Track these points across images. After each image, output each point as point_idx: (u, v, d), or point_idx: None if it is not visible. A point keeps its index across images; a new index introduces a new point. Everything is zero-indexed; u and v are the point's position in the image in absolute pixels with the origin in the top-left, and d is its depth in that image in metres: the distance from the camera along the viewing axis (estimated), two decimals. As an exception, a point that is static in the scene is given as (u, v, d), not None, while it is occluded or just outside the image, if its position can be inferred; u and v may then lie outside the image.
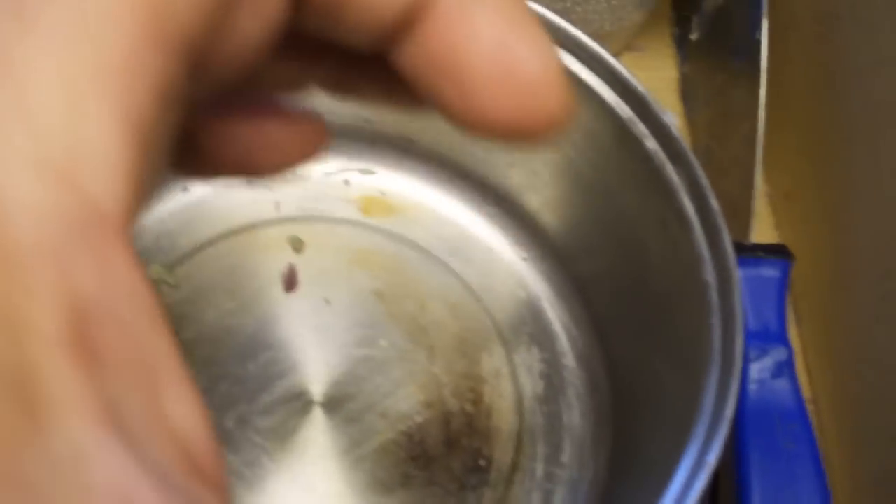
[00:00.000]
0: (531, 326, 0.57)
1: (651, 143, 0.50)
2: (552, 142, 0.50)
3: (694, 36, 0.65)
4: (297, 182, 0.58)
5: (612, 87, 0.51)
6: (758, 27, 0.57)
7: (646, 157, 0.50)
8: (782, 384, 0.52)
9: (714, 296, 0.46)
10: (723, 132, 0.57)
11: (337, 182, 0.59)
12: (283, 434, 0.52)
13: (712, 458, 0.43)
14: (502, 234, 0.59)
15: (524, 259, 0.58)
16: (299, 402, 0.53)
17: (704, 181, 0.48)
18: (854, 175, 0.54)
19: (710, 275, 0.47)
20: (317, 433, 0.53)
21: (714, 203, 0.47)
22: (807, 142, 0.58)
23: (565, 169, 0.55)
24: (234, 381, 0.53)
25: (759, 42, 0.57)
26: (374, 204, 0.59)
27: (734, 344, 0.46)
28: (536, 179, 0.56)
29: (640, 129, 0.50)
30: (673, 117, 0.49)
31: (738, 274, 0.45)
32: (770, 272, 0.54)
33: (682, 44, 0.64)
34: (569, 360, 0.57)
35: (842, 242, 0.55)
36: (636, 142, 0.50)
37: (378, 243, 0.58)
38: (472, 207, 0.59)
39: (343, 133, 0.58)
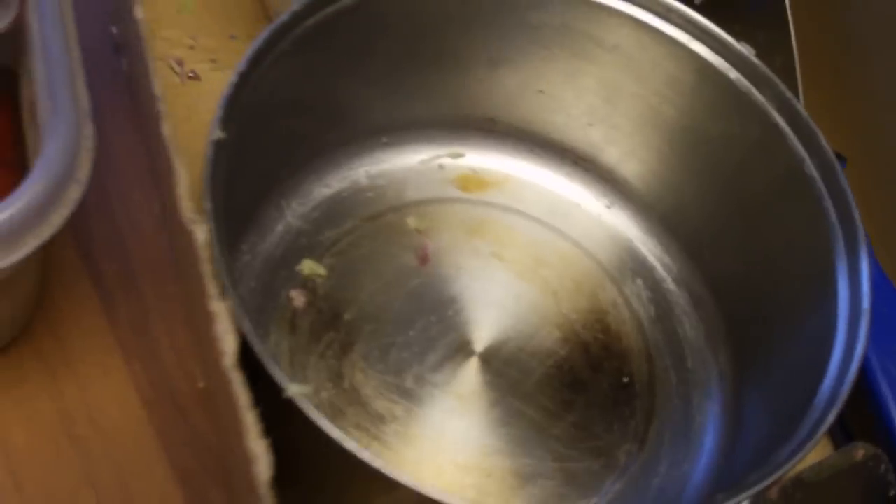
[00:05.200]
0: (630, 262, 0.66)
1: (734, 74, 0.59)
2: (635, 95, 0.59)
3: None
4: (402, 174, 0.66)
5: (686, 31, 0.60)
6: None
7: (730, 87, 0.59)
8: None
9: (821, 186, 0.55)
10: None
11: (433, 168, 0.67)
12: (455, 384, 0.60)
13: (860, 346, 0.52)
14: (584, 188, 0.67)
15: (608, 206, 0.67)
16: (461, 356, 0.60)
17: (791, 96, 0.57)
18: (881, 102, 0.64)
19: (813, 170, 0.56)
20: (483, 378, 0.60)
21: (804, 112, 0.56)
22: (838, 77, 0.67)
23: (648, 117, 0.63)
24: (401, 348, 0.60)
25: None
26: (469, 181, 0.67)
27: (853, 224, 0.55)
28: (617, 133, 0.65)
29: (721, 63, 0.59)
30: (749, 48, 0.58)
31: (840, 165, 0.54)
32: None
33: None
34: (668, 284, 0.65)
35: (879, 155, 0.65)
36: (719, 75, 0.59)
37: (483, 213, 0.66)
38: (554, 170, 0.67)
39: (430, 123, 0.66)
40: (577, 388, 0.61)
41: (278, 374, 0.45)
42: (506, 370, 0.60)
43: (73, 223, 0.59)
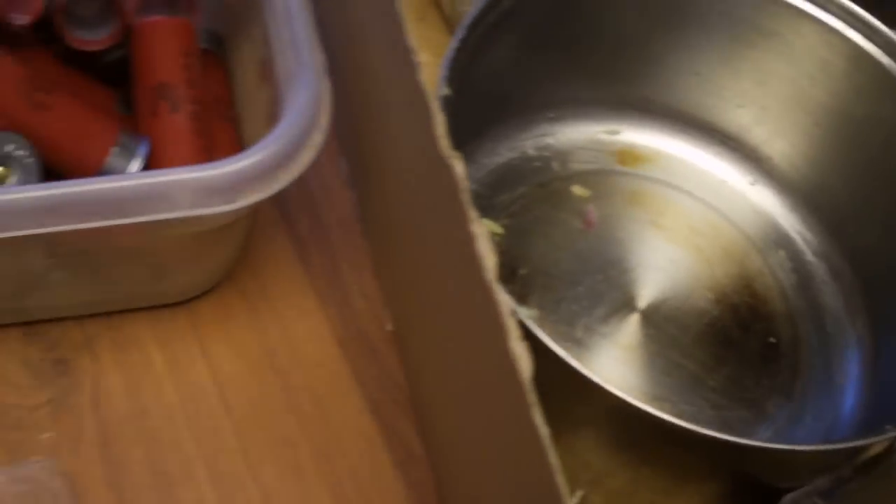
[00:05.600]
0: (773, 235, 0.72)
1: (885, 59, 0.65)
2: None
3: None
4: (566, 147, 0.72)
5: (841, 19, 0.66)
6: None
7: (881, 71, 0.65)
8: None
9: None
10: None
11: (593, 142, 0.73)
12: (620, 335, 0.66)
13: None
14: (731, 166, 0.73)
15: (752, 184, 0.73)
16: (625, 311, 0.66)
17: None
18: None
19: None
20: (645, 332, 0.66)
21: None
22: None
23: (798, 100, 0.69)
24: (571, 301, 0.66)
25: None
26: (626, 156, 0.73)
27: None
28: (765, 114, 0.71)
29: (874, 49, 0.65)
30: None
31: None
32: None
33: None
34: (808, 256, 0.71)
35: None
36: (871, 60, 0.65)
37: (640, 185, 0.72)
38: (703, 148, 0.73)
39: (591, 101, 0.72)
40: (729, 346, 0.67)
41: (509, 299, 0.51)
42: (665, 326, 0.66)
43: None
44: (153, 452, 0.61)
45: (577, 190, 0.70)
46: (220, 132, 0.65)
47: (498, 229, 0.67)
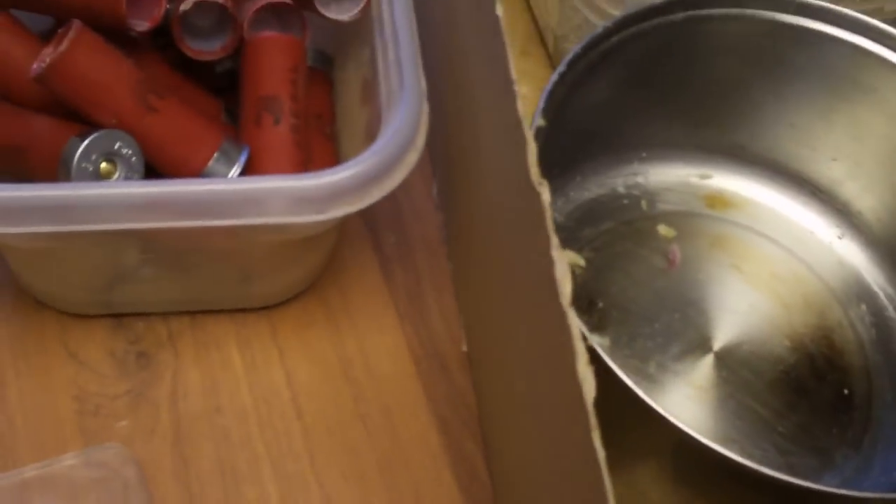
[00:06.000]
0: (855, 288, 0.72)
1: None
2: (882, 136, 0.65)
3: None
4: (656, 187, 0.73)
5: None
6: None
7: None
8: None
9: None
10: None
11: (683, 184, 0.74)
12: (692, 375, 0.66)
13: None
14: (819, 217, 0.74)
15: (840, 237, 0.73)
16: (700, 351, 0.67)
17: None
18: None
19: None
20: (717, 374, 0.66)
21: None
22: None
23: (892, 156, 0.69)
24: (646, 337, 0.67)
25: None
26: (715, 200, 0.73)
27: None
28: (858, 169, 0.71)
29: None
30: None
31: None
32: None
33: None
34: (890, 312, 0.71)
35: None
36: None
37: (726, 230, 0.72)
38: (792, 198, 0.74)
39: (683, 144, 0.73)
40: (802, 394, 0.67)
41: (580, 325, 0.52)
42: (739, 369, 0.67)
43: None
44: (222, 449, 0.62)
45: (663, 230, 0.71)
46: (319, 147, 0.67)
47: (580, 261, 0.68)
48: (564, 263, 0.48)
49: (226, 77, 0.69)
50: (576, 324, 0.46)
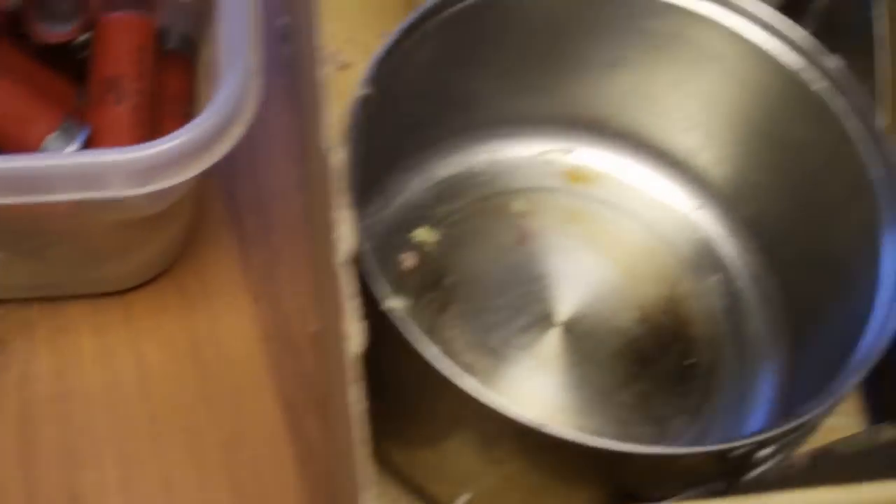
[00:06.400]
0: (709, 259, 0.73)
1: (817, 85, 0.65)
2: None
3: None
4: (516, 163, 0.74)
5: (785, 43, 0.66)
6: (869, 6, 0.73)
7: (815, 96, 0.65)
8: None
9: (883, 189, 0.62)
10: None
11: (544, 160, 0.75)
12: (536, 347, 0.67)
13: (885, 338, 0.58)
14: (679, 188, 0.74)
15: (698, 207, 0.74)
16: (544, 324, 0.68)
17: (871, 105, 0.63)
18: None
19: (876, 173, 0.62)
20: (562, 345, 0.68)
21: (880, 118, 0.62)
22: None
23: (740, 124, 0.70)
24: (493, 311, 0.68)
25: (870, 18, 0.72)
26: (575, 175, 0.74)
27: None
28: (711, 139, 0.72)
29: (810, 75, 0.66)
30: (838, 59, 0.64)
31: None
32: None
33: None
34: (743, 281, 0.72)
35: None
36: (804, 86, 0.66)
37: (583, 205, 0.73)
38: (653, 169, 0.75)
39: (547, 120, 0.74)
40: (644, 364, 0.68)
41: (379, 287, 0.54)
42: (583, 341, 0.68)
43: (225, 184, 0.70)
44: (66, 433, 0.65)
45: (518, 205, 0.72)
46: (175, 127, 0.68)
47: (432, 238, 0.70)
48: (346, 224, 0.49)
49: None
50: (347, 283, 0.48)
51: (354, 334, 0.48)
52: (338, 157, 0.52)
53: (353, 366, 0.47)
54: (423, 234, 0.69)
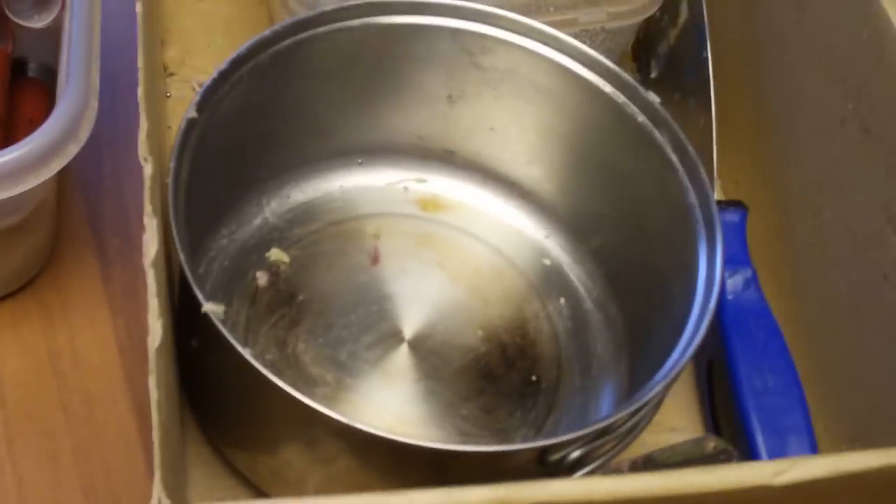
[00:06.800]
0: (556, 283, 0.76)
1: (641, 118, 0.69)
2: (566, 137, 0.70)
3: (653, 74, 0.85)
4: (370, 191, 0.77)
5: (608, 81, 0.71)
6: (704, 47, 0.77)
7: (638, 128, 0.70)
8: (751, 293, 0.71)
9: (698, 213, 0.66)
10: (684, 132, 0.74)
11: (399, 189, 0.78)
12: (384, 363, 0.70)
13: (698, 339, 0.62)
14: (527, 217, 0.78)
15: (546, 236, 0.78)
16: (393, 341, 0.71)
17: (683, 136, 0.68)
18: (781, 157, 0.75)
19: (692, 198, 0.66)
20: (409, 361, 0.70)
21: (692, 150, 0.67)
22: (748, 136, 0.78)
23: (577, 156, 0.74)
24: (342, 328, 0.71)
25: (706, 58, 0.77)
26: (428, 203, 0.78)
27: (714, 242, 0.65)
28: (551, 170, 0.76)
29: (632, 108, 0.70)
30: (655, 96, 0.69)
31: (713, 194, 0.65)
32: (732, 217, 0.74)
33: (644, 82, 0.84)
34: (588, 305, 0.76)
35: (779, 206, 0.76)
36: (630, 119, 0.70)
37: (435, 230, 0.77)
38: (503, 199, 0.78)
39: (400, 151, 0.78)
40: (490, 380, 0.71)
41: (198, 292, 0.57)
42: (430, 357, 0.71)
43: (90, 205, 0.72)
44: (-80, 435, 0.66)
45: (370, 229, 0.75)
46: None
47: (285, 258, 0.73)
48: (153, 229, 0.52)
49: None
50: (152, 282, 0.51)
51: (154, 329, 0.51)
52: (148, 168, 0.56)
53: (153, 357, 0.50)
54: (277, 255, 0.72)
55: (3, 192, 0.60)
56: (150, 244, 0.53)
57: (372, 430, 0.55)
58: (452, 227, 0.77)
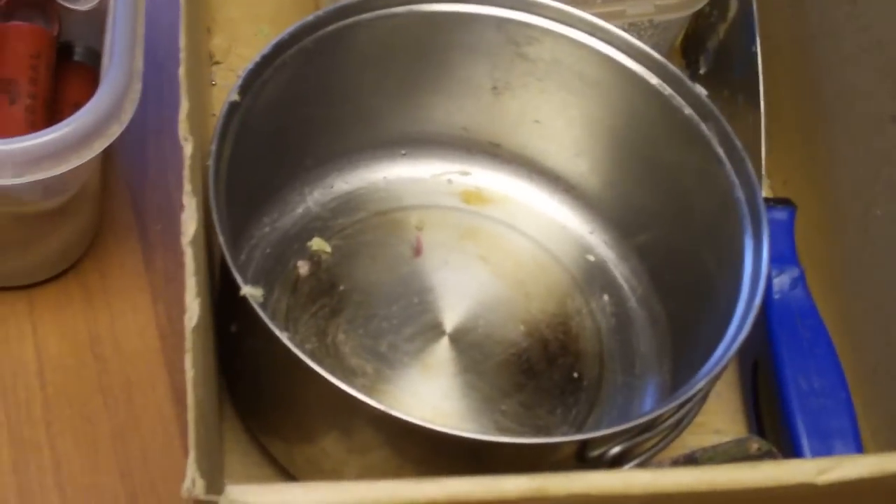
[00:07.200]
0: (600, 280, 0.75)
1: (688, 111, 0.69)
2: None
3: (702, 70, 0.84)
4: (414, 182, 0.77)
5: (655, 73, 0.70)
6: (753, 42, 0.77)
7: (685, 121, 0.69)
8: (798, 293, 0.70)
9: (745, 208, 0.65)
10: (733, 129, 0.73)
11: (443, 181, 0.77)
12: (424, 355, 0.70)
13: (743, 334, 0.61)
14: (572, 213, 0.77)
15: (591, 232, 0.77)
16: (433, 333, 0.70)
17: (730, 129, 0.67)
18: (830, 155, 0.74)
19: (739, 192, 0.65)
20: (449, 354, 0.70)
21: (739, 144, 0.66)
22: (797, 133, 0.77)
23: (622, 149, 0.73)
24: (382, 319, 0.71)
25: (755, 53, 0.77)
26: (472, 196, 0.77)
27: (761, 239, 0.64)
28: (598, 164, 0.75)
29: (679, 101, 0.69)
30: (702, 89, 0.68)
31: (760, 188, 0.64)
32: (780, 215, 0.73)
33: (693, 79, 0.83)
34: (632, 303, 0.75)
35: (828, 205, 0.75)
36: (676, 111, 0.69)
37: (479, 223, 0.76)
38: (548, 194, 0.78)
39: (444, 142, 0.77)
40: (530, 375, 0.70)
41: (237, 274, 0.56)
42: (470, 350, 0.70)
43: (133, 192, 0.72)
44: (-39, 417, 0.66)
45: (413, 221, 0.75)
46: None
47: (327, 248, 0.72)
48: (192, 208, 0.52)
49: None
50: (190, 262, 0.51)
51: (192, 308, 0.51)
52: (188, 147, 0.55)
53: (189, 336, 0.50)
54: (319, 244, 0.72)
55: (45, 171, 0.60)
56: (189, 223, 0.52)
57: (410, 419, 0.54)
58: (496, 220, 0.76)
